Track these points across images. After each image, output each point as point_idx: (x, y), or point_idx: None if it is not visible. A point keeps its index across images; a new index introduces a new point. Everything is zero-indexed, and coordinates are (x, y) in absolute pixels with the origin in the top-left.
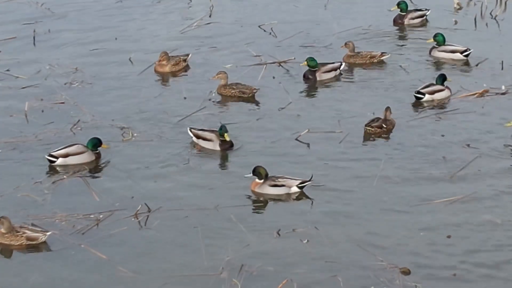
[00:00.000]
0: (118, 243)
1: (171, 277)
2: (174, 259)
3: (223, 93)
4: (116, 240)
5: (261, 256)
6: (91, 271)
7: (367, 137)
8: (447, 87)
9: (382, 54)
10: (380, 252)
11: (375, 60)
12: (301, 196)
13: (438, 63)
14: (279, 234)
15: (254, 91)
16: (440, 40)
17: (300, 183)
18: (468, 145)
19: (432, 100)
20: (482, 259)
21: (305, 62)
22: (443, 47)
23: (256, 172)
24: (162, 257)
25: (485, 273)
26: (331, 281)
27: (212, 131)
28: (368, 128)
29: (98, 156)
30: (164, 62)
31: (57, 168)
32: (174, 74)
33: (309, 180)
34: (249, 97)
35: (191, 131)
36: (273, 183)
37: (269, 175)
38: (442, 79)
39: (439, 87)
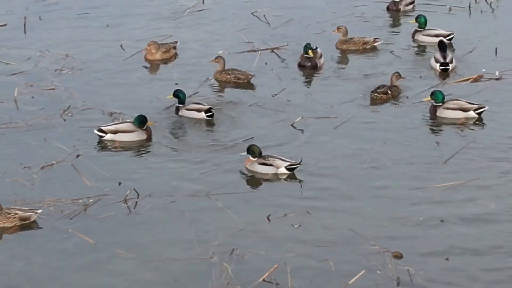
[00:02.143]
0: (106, 228)
1: (160, 262)
2: (164, 243)
3: (219, 79)
4: (105, 225)
5: (252, 241)
6: (78, 255)
7: (374, 103)
8: None
9: (375, 40)
10: (372, 236)
11: (368, 46)
12: (293, 180)
13: (427, 48)
14: (269, 220)
15: (250, 77)
16: (421, 22)
17: (289, 165)
18: (462, 130)
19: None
20: (475, 243)
21: (310, 51)
22: (427, 31)
23: (250, 150)
24: (151, 241)
25: (477, 257)
26: (322, 265)
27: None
28: (374, 94)
29: (148, 135)
30: (153, 51)
31: (106, 143)
32: (164, 61)
33: (299, 164)
34: (244, 83)
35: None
36: (262, 161)
37: (263, 154)
38: (445, 45)
39: (450, 54)
